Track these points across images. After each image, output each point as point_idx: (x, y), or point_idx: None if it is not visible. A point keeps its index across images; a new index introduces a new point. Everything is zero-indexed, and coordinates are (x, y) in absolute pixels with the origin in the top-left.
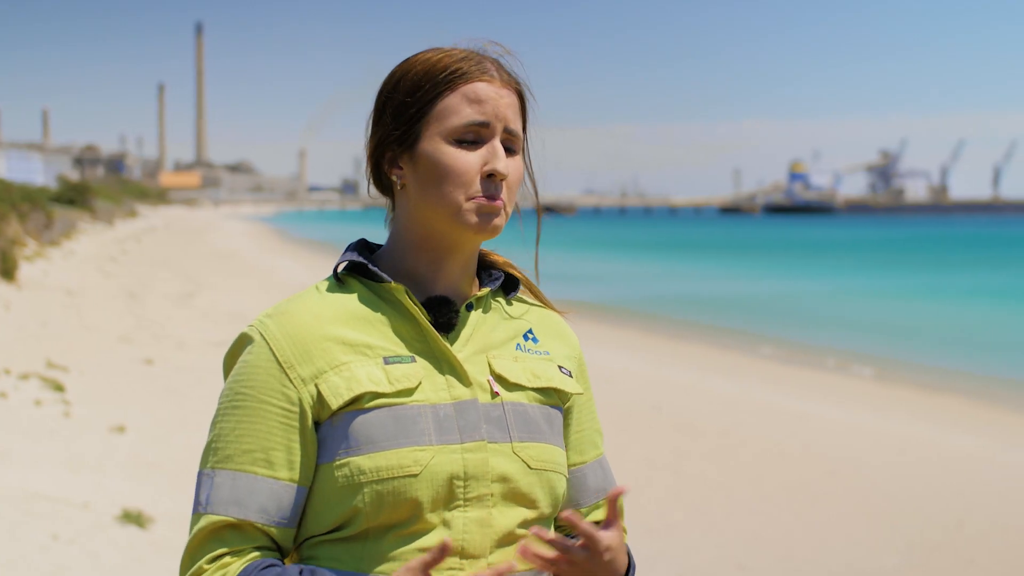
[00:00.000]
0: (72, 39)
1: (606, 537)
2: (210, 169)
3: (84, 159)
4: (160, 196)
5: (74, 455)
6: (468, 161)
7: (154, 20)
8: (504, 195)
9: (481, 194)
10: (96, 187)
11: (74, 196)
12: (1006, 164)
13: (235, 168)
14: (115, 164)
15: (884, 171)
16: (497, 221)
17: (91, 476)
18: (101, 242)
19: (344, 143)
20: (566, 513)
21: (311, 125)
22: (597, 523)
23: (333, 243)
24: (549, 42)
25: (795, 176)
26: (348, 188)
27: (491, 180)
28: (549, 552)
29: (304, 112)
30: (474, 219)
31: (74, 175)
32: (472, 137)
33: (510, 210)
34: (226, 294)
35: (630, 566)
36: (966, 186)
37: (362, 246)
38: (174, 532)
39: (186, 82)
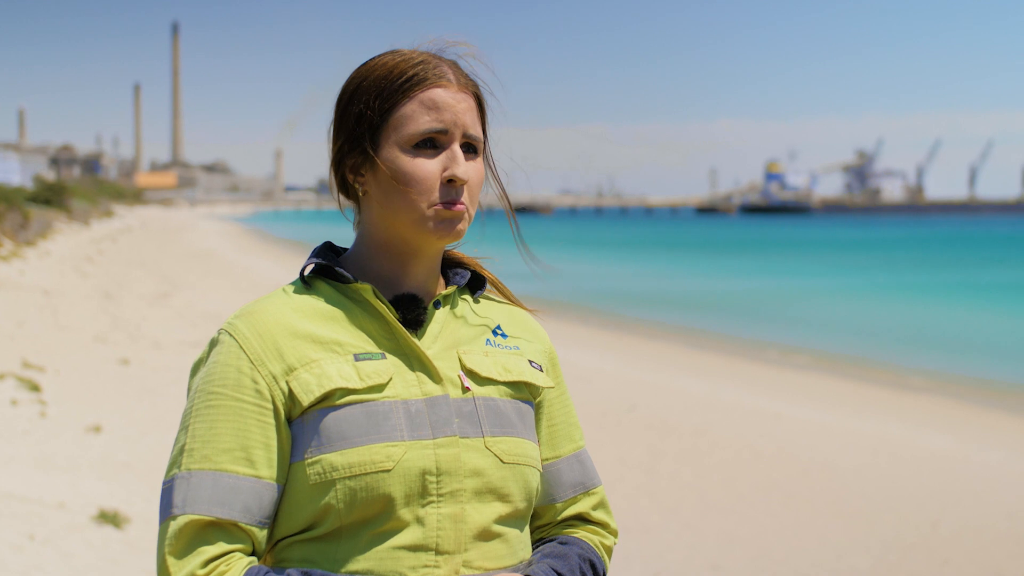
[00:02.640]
0: (48, 39)
1: None
2: (186, 169)
3: (60, 159)
4: (136, 196)
5: (50, 455)
6: (427, 168)
7: (130, 20)
8: (465, 199)
9: (441, 201)
10: (72, 187)
11: (50, 196)
12: (982, 164)
13: (211, 168)
14: (91, 164)
15: (860, 171)
16: (459, 227)
17: (66, 476)
18: (77, 242)
19: (320, 143)
20: None
21: (289, 124)
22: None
23: (310, 243)
24: (524, 42)
25: (771, 176)
26: (324, 188)
27: (451, 185)
28: None
29: (280, 112)
30: (435, 226)
31: (50, 175)
32: (431, 144)
33: (472, 213)
34: (202, 294)
35: None
36: (942, 186)
37: (327, 249)
38: (150, 532)
39: (162, 82)
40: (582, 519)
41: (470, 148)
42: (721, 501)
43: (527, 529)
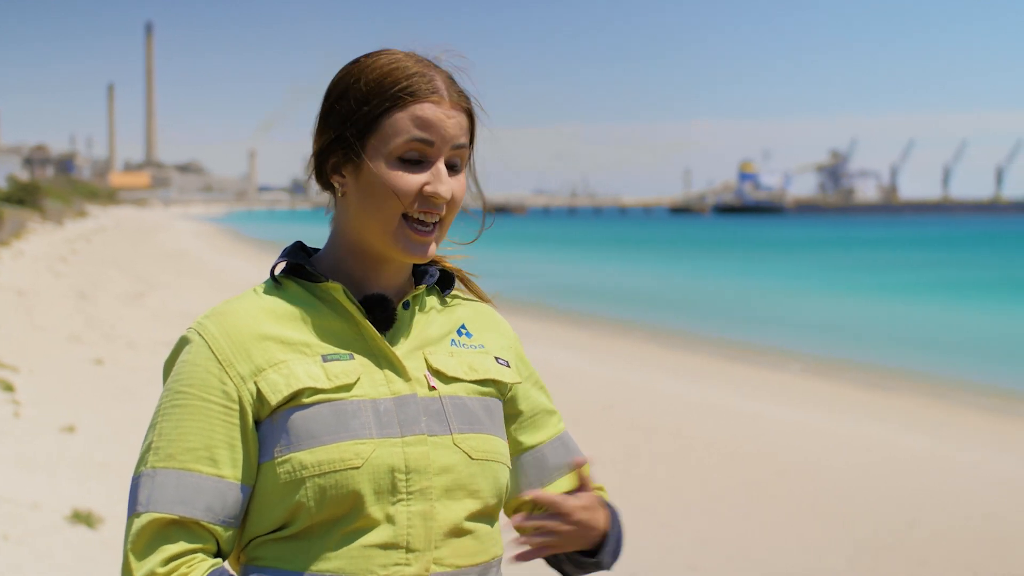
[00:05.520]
0: (22, 39)
1: (573, 500)
2: (160, 169)
3: (34, 159)
4: (110, 196)
5: (24, 455)
6: (409, 182)
7: (104, 20)
8: (443, 215)
9: (418, 211)
10: (46, 187)
11: (24, 196)
12: (955, 164)
13: (185, 168)
14: (65, 164)
15: (834, 171)
16: (429, 250)
17: (41, 476)
18: (51, 242)
19: (294, 144)
20: (530, 493)
21: (266, 124)
22: (567, 492)
23: (283, 243)
24: (498, 42)
25: (745, 176)
26: (298, 188)
27: (431, 200)
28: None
29: (254, 112)
30: (404, 246)
31: (24, 175)
32: (416, 157)
33: (447, 229)
34: (177, 294)
35: (614, 518)
36: (916, 186)
37: (299, 248)
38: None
39: (136, 82)
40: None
41: (453, 163)
42: (697, 501)
43: (498, 525)
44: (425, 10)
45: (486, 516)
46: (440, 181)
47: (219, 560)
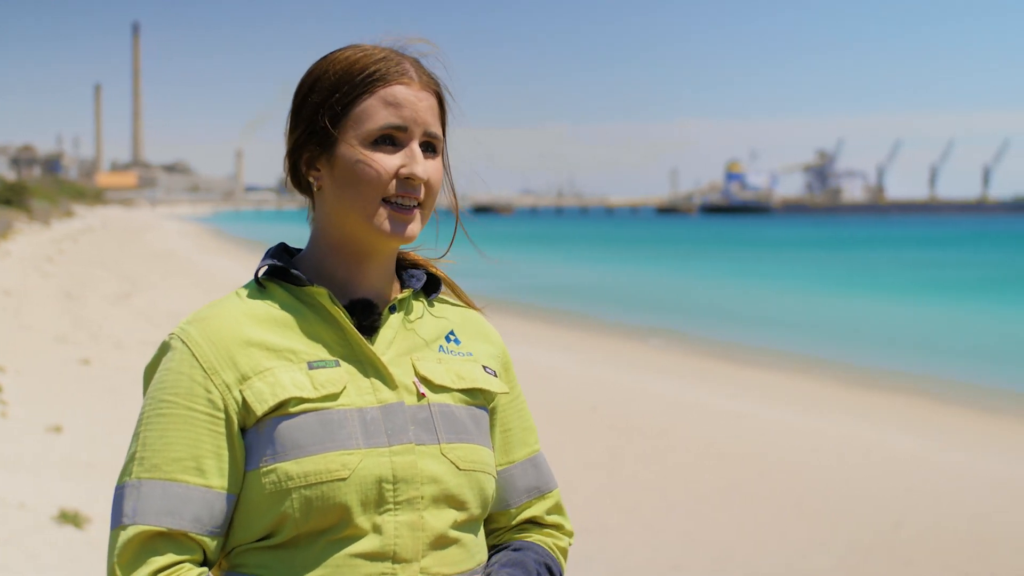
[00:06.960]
0: (8, 38)
1: None
2: (147, 169)
3: (20, 159)
4: (97, 196)
5: (11, 455)
6: (385, 164)
7: (91, 20)
8: (422, 198)
9: (396, 195)
10: (33, 187)
11: (10, 196)
12: (942, 164)
13: (172, 168)
14: (52, 164)
15: (821, 171)
16: (411, 228)
17: (28, 476)
18: (38, 242)
19: (281, 144)
20: None
21: (252, 124)
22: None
23: (270, 242)
24: (484, 42)
25: (732, 176)
26: (285, 188)
27: (408, 182)
28: None
29: (241, 112)
30: (387, 225)
31: (10, 175)
32: (390, 140)
33: (428, 214)
34: (164, 294)
35: None
36: (903, 186)
37: (282, 250)
38: None
39: (123, 82)
40: (535, 523)
41: (429, 147)
42: (683, 501)
43: (482, 533)
44: (413, 10)
45: (471, 525)
46: (415, 162)
47: (204, 569)
